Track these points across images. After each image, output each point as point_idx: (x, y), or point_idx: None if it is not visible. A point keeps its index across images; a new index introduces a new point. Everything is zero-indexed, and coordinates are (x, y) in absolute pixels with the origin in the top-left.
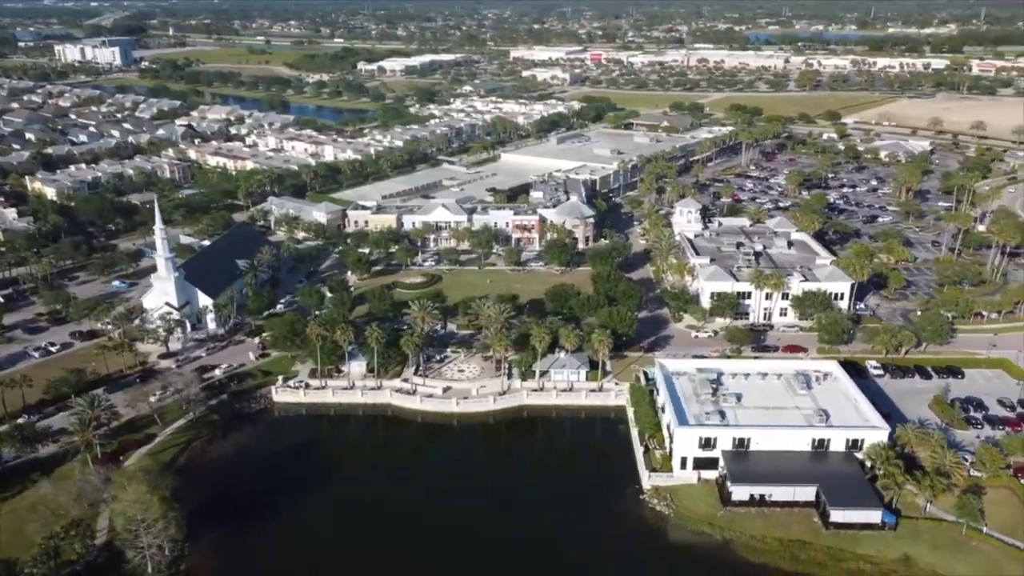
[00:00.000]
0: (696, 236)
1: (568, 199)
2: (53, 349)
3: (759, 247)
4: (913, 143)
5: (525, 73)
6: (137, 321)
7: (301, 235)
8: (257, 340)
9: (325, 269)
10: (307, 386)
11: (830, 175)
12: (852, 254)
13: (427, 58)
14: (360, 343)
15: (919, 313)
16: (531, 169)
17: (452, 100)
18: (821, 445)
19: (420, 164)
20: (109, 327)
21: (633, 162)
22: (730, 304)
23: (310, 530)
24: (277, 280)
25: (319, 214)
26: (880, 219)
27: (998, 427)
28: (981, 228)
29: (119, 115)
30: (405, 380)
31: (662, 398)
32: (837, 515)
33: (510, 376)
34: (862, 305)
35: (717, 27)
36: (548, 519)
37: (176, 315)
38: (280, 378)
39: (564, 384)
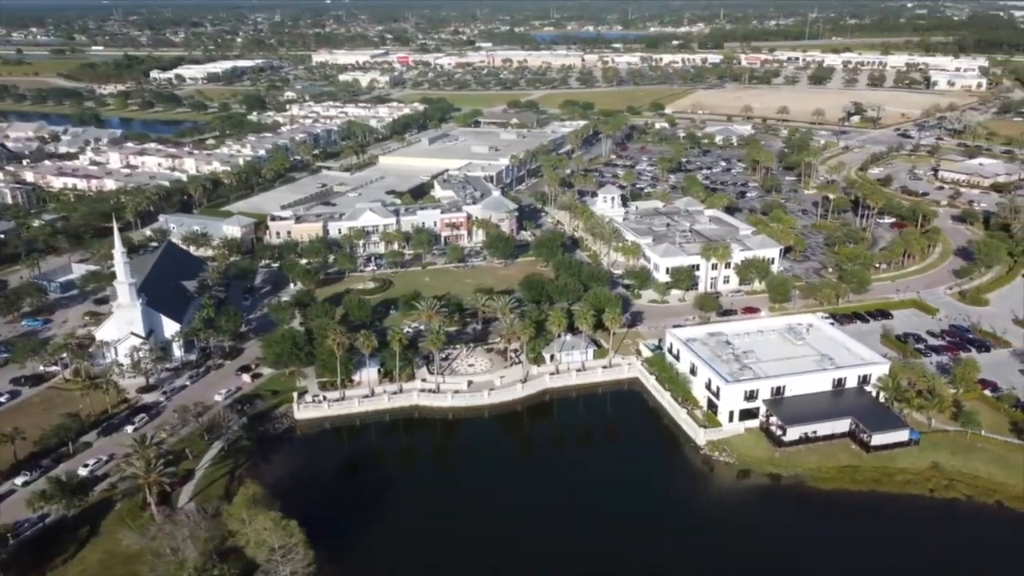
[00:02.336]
0: (623, 220)
1: (482, 195)
2: (1, 399)
3: (686, 224)
4: (737, 128)
5: (343, 77)
6: (90, 355)
7: (221, 251)
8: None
9: (261, 284)
10: (325, 399)
11: (683, 159)
12: (751, 224)
13: (227, 64)
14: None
15: (830, 270)
16: (417, 170)
17: (288, 106)
18: (839, 384)
19: (297, 172)
20: (54, 367)
21: (520, 157)
22: (686, 277)
23: (418, 540)
24: (226, 299)
25: (231, 228)
26: (748, 195)
27: (942, 353)
28: (832, 196)
29: None
30: (424, 380)
31: (685, 363)
32: (877, 439)
33: (523, 364)
34: (780, 268)
35: (498, 29)
36: (628, 483)
37: (148, 345)
38: (295, 395)
39: (577, 365)
